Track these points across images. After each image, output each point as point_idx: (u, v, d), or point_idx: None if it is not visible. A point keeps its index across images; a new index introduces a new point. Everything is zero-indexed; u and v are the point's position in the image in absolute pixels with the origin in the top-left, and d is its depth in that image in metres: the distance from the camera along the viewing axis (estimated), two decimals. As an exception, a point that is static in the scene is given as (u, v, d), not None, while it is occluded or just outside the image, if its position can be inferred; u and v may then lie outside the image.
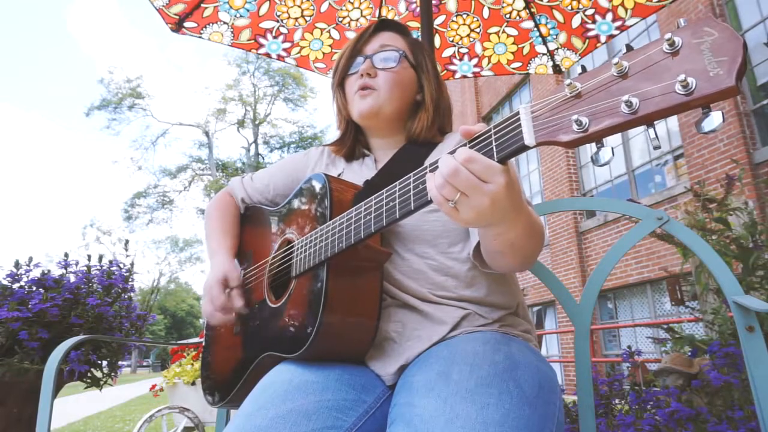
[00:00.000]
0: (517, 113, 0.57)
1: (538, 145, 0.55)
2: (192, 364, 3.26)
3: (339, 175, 1.07)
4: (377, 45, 1.05)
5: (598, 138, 0.50)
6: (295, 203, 1.02)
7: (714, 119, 0.44)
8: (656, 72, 0.46)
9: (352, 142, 1.11)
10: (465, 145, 0.62)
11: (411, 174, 0.71)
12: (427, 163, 1.02)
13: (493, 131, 0.60)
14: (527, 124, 0.55)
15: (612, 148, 0.50)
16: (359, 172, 1.06)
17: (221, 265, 1.01)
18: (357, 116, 1.04)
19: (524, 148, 0.56)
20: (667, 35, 0.45)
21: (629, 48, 0.49)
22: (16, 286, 2.32)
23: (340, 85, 1.09)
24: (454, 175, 0.58)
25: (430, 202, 0.67)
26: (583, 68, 0.52)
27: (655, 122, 0.47)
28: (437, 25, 2.22)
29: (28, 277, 2.35)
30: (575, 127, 0.50)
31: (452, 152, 0.60)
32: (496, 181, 0.58)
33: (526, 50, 2.24)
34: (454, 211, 0.61)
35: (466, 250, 0.92)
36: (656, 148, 0.46)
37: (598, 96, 0.50)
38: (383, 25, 1.10)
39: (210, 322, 1.00)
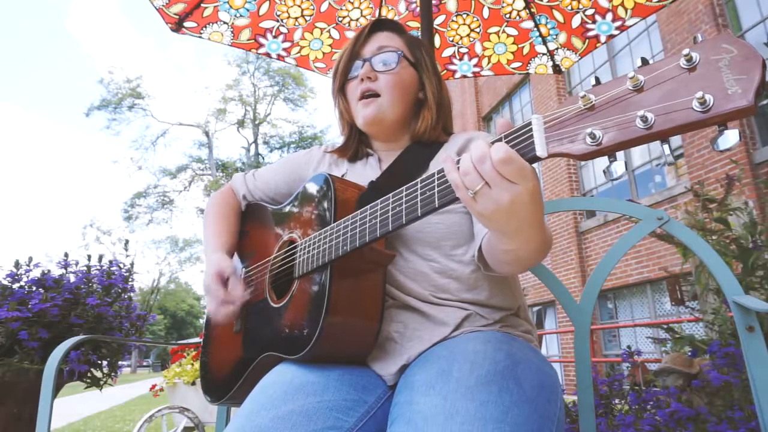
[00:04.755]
0: (529, 123, 0.57)
1: (550, 156, 0.54)
2: (192, 364, 3.25)
3: (343, 175, 1.06)
4: (375, 47, 1.04)
5: (611, 152, 0.49)
6: (299, 203, 1.02)
7: (729, 137, 0.43)
8: (673, 87, 0.45)
9: (356, 144, 1.10)
10: (500, 140, 0.62)
11: (418, 180, 0.71)
12: (432, 164, 1.02)
13: (504, 141, 0.59)
14: (539, 135, 0.55)
15: (625, 162, 0.49)
16: (363, 173, 1.06)
17: (214, 262, 1.01)
18: (362, 123, 1.04)
19: (536, 159, 0.56)
20: (685, 51, 0.45)
21: (645, 61, 0.48)
22: (16, 286, 2.32)
23: (340, 90, 1.09)
24: (482, 161, 0.58)
25: (438, 208, 0.67)
26: (597, 80, 0.52)
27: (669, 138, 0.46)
28: (437, 25, 2.22)
29: (28, 277, 2.35)
30: (589, 140, 0.50)
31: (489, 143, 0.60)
32: (522, 182, 0.57)
33: (526, 50, 2.24)
34: (471, 200, 0.60)
35: (469, 252, 0.92)
36: (670, 164, 0.45)
37: (612, 109, 0.49)
38: (379, 25, 1.09)
39: (216, 318, 0.99)
